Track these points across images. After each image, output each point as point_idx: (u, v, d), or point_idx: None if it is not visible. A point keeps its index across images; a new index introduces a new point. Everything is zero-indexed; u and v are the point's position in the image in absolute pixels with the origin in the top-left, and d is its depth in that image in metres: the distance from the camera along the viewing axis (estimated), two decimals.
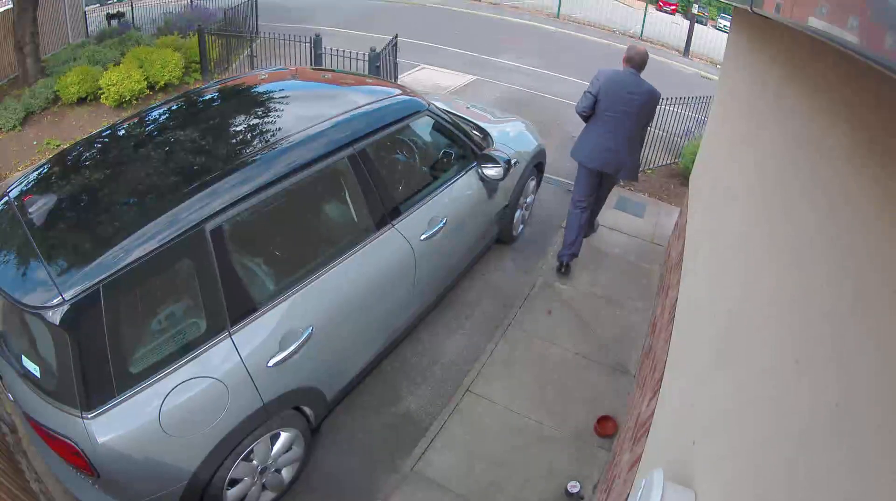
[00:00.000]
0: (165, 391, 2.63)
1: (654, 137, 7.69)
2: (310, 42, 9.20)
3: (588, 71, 6.00)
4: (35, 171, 3.22)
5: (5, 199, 2.99)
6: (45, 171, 3.20)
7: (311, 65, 9.14)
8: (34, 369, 2.62)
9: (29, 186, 3.05)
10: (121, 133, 3.51)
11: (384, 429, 3.89)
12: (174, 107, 3.80)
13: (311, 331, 3.18)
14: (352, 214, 3.67)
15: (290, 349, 3.06)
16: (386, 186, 3.82)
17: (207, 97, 3.98)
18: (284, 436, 3.24)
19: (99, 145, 3.40)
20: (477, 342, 4.64)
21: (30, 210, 2.76)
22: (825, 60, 1.61)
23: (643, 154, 5.53)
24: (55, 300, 2.38)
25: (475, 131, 4.99)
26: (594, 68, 5.35)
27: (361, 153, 3.60)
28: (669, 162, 8.08)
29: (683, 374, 2.54)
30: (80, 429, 2.46)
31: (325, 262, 3.37)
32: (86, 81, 8.76)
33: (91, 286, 2.44)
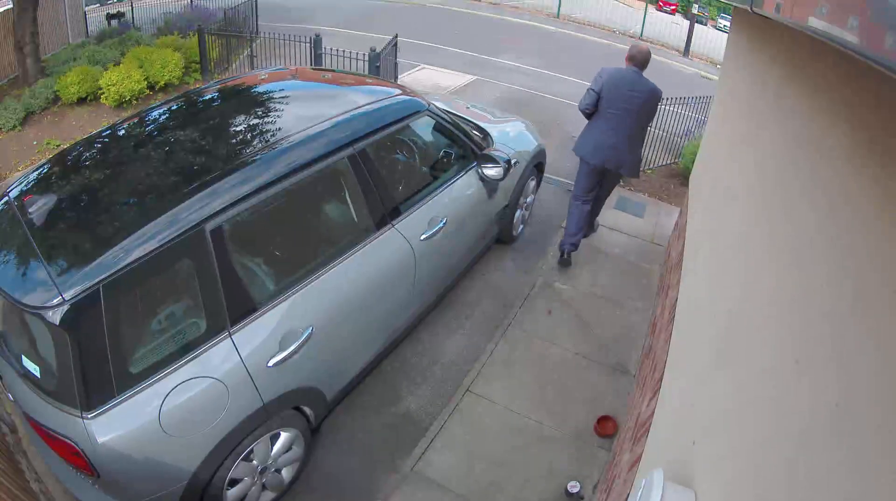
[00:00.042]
0: (165, 391, 2.63)
1: (654, 137, 7.69)
2: (310, 42, 9.20)
3: (588, 71, 6.01)
4: (35, 171, 3.22)
5: (5, 199, 2.99)
6: (45, 171, 3.20)
7: (311, 65, 9.14)
8: (34, 369, 2.62)
9: (29, 187, 3.05)
10: (121, 133, 3.52)
11: (384, 429, 3.89)
12: (174, 107, 3.80)
13: (311, 331, 3.18)
14: (352, 214, 3.67)
15: (290, 349, 3.06)
16: (386, 186, 3.82)
17: (207, 97, 3.98)
18: (284, 436, 3.24)
19: (99, 145, 3.40)
20: (477, 341, 4.64)
21: (30, 210, 2.76)
22: (825, 60, 1.61)
23: (643, 154, 5.53)
24: (55, 300, 2.38)
25: (475, 131, 4.99)
26: (594, 68, 5.35)
27: (361, 153, 3.60)
28: (669, 162, 8.07)
29: (683, 374, 2.54)
30: (80, 429, 2.46)
31: (325, 262, 3.37)
32: (86, 81, 8.77)
33: (91, 286, 2.44)
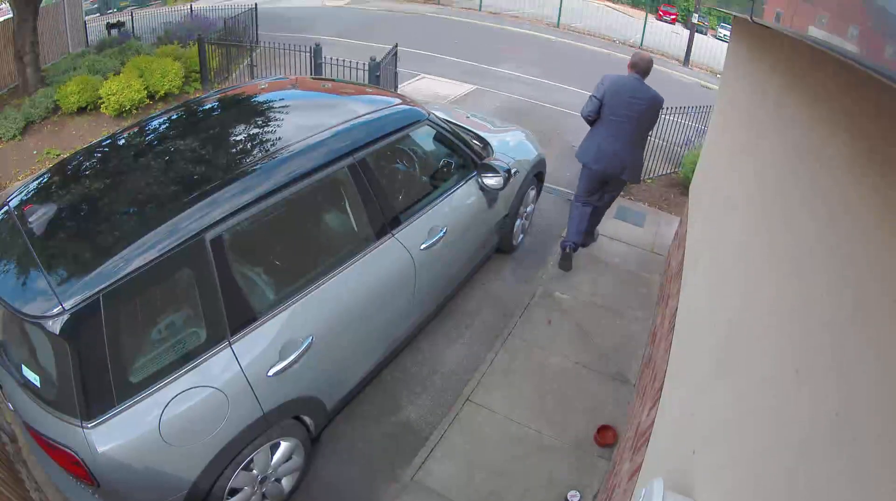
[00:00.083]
0: (165, 401, 2.62)
1: (654, 147, 7.70)
2: (310, 51, 9.23)
3: (588, 81, 6.03)
4: (35, 180, 3.22)
5: (5, 208, 2.99)
6: (45, 180, 3.20)
7: (311, 74, 9.16)
8: (34, 378, 2.62)
9: (29, 196, 3.06)
10: (121, 143, 3.52)
11: (384, 439, 3.88)
12: (174, 116, 3.81)
13: (311, 340, 3.17)
14: (352, 223, 3.67)
15: (291, 358, 3.05)
16: (386, 195, 3.82)
17: (207, 107, 3.99)
18: (284, 446, 3.23)
19: (99, 155, 3.41)
20: (477, 351, 4.63)
21: (30, 220, 2.76)
22: (825, 70, 1.61)
23: (644, 162, 5.55)
24: (55, 310, 2.38)
25: (475, 141, 5.00)
26: (594, 78, 5.38)
27: (361, 163, 3.60)
28: (669, 171, 8.09)
29: (683, 383, 2.53)
30: (80, 438, 2.46)
31: (325, 271, 3.37)
32: (86, 90, 8.80)
33: (91, 296, 2.44)
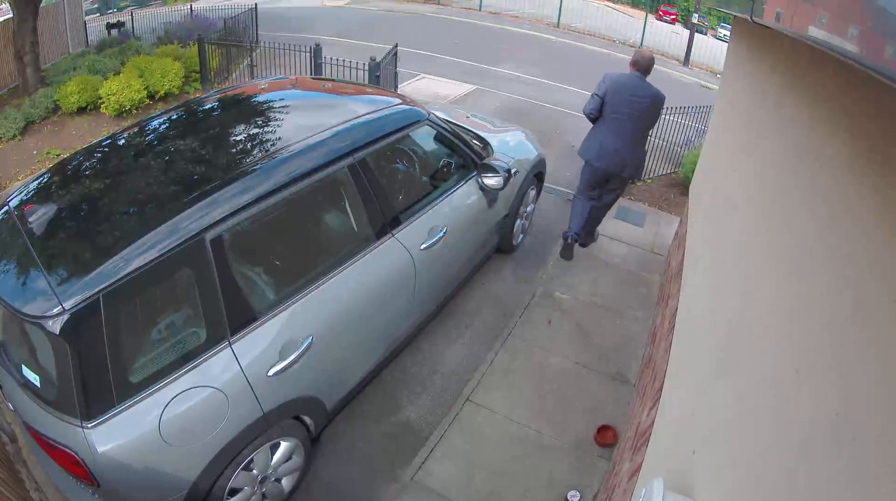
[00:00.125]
0: (165, 401, 2.62)
1: (654, 147, 7.70)
2: (310, 51, 9.23)
3: (588, 80, 6.03)
4: (35, 180, 3.22)
5: (5, 208, 2.99)
6: (45, 180, 3.20)
7: (311, 74, 9.16)
8: (34, 378, 2.62)
9: (29, 196, 3.06)
10: (121, 143, 3.52)
11: (384, 438, 3.88)
12: (174, 116, 3.81)
13: (311, 341, 3.17)
14: (352, 223, 3.67)
15: (291, 358, 3.05)
16: (386, 195, 3.82)
17: (207, 107, 3.99)
18: (284, 446, 3.23)
19: (99, 155, 3.41)
20: (477, 351, 4.63)
21: (30, 220, 2.76)
22: (825, 70, 1.61)
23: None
24: (55, 310, 2.38)
25: (475, 141, 5.00)
26: (594, 78, 5.38)
27: (361, 163, 3.60)
28: (669, 171, 8.09)
29: (683, 383, 2.53)
30: (80, 438, 2.46)
31: (325, 271, 3.37)
32: (86, 90, 8.79)
33: (91, 296, 2.44)
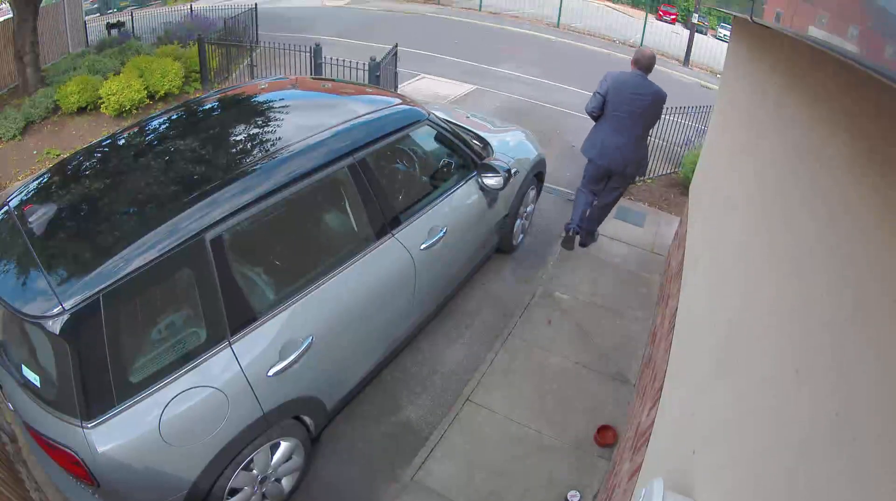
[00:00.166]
0: (165, 401, 2.62)
1: (655, 147, 7.69)
2: (310, 51, 9.23)
3: (588, 81, 6.03)
4: (35, 180, 3.22)
5: (5, 208, 2.99)
6: (45, 180, 3.20)
7: (311, 74, 9.16)
8: (34, 378, 2.62)
9: (29, 196, 3.06)
10: (121, 143, 3.52)
11: (384, 438, 3.88)
12: (174, 116, 3.81)
13: (311, 340, 3.17)
14: (352, 223, 3.67)
15: (291, 358, 3.05)
16: (386, 195, 3.82)
17: (207, 107, 3.99)
18: (284, 446, 3.23)
19: (99, 155, 3.41)
20: (477, 351, 4.63)
21: (30, 220, 2.76)
22: (825, 70, 1.61)
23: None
24: (55, 310, 2.38)
25: (475, 141, 5.00)
26: (594, 78, 5.38)
27: (361, 163, 3.60)
28: (669, 171, 8.09)
29: (683, 383, 2.53)
30: (80, 438, 2.46)
31: (325, 271, 3.37)
32: (86, 90, 8.79)
33: (91, 296, 2.44)
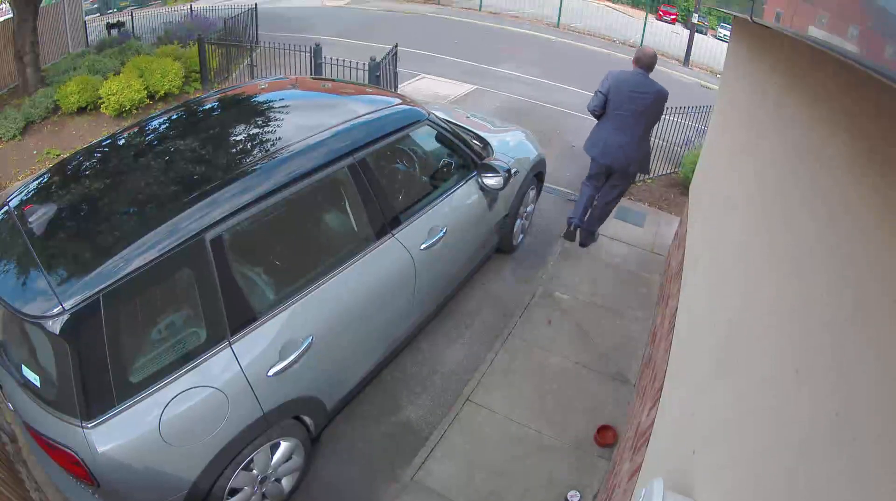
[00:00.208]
0: (165, 401, 2.62)
1: (654, 147, 7.68)
2: (310, 51, 9.23)
3: (588, 81, 6.03)
4: (35, 180, 3.22)
5: (5, 208, 2.99)
6: (45, 180, 3.20)
7: (311, 74, 9.16)
8: (34, 378, 2.62)
9: (29, 196, 3.06)
10: (121, 143, 3.52)
11: (384, 438, 3.87)
12: (174, 116, 3.81)
13: (311, 340, 3.17)
14: (352, 223, 3.67)
15: (291, 358, 3.05)
16: (386, 195, 3.82)
17: (207, 107, 3.99)
18: (284, 446, 3.23)
19: (99, 155, 3.41)
20: (477, 351, 4.63)
21: (30, 220, 2.76)
22: (825, 70, 1.61)
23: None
24: (55, 310, 2.38)
25: (475, 141, 5.00)
26: (594, 78, 5.39)
27: (361, 163, 3.60)
28: (669, 171, 8.08)
29: (683, 383, 2.53)
30: (80, 438, 2.46)
31: (325, 271, 3.37)
32: (86, 90, 8.79)
33: (91, 296, 2.44)
